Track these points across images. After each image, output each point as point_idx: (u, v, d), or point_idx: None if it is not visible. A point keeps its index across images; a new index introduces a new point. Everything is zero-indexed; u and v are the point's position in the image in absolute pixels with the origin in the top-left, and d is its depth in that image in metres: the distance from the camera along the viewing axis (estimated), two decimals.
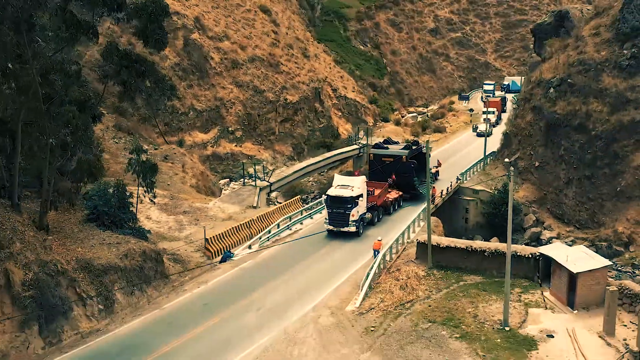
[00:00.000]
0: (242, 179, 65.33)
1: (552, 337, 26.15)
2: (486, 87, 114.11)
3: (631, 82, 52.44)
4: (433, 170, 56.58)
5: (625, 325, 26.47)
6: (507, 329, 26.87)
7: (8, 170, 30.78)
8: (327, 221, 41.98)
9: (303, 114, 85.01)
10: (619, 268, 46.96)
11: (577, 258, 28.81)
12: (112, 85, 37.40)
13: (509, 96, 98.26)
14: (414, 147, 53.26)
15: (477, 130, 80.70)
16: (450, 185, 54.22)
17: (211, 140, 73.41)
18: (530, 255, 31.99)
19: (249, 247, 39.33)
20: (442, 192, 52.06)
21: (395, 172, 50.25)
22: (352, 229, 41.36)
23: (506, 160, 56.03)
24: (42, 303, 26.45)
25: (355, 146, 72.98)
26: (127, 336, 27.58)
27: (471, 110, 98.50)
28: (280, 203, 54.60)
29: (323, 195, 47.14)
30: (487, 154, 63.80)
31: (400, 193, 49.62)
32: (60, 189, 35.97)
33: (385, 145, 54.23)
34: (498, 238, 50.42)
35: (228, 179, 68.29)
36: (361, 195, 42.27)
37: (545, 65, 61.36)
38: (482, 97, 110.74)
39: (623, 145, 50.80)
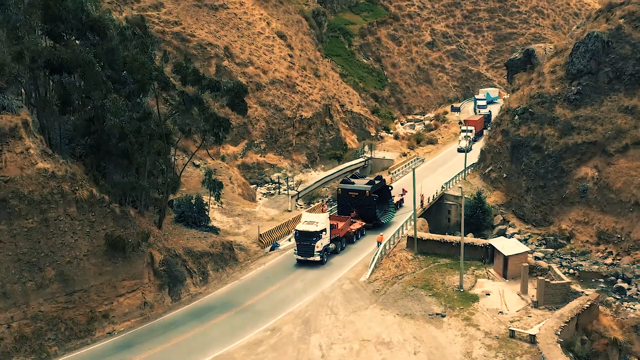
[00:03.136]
0: (266, 185, 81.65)
1: (489, 295, 41.79)
2: (479, 103, 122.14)
3: (576, 112, 67.81)
4: (397, 199, 62.89)
5: (536, 288, 41.93)
6: (461, 290, 42.45)
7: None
8: (296, 252, 48.13)
9: (316, 127, 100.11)
10: (561, 256, 62.60)
11: (509, 246, 44.45)
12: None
13: (495, 109, 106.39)
14: (377, 182, 58.13)
15: (459, 146, 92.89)
16: (436, 193, 69.58)
17: (240, 152, 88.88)
18: (482, 245, 47.66)
19: (289, 240, 54.87)
20: (429, 199, 67.27)
21: (359, 205, 55.40)
22: (317, 258, 47.35)
23: (459, 186, 69.95)
24: (169, 274, 42.08)
25: (361, 159, 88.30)
26: (221, 296, 43.23)
27: (460, 122, 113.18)
28: (300, 206, 69.55)
29: (292, 230, 52.98)
30: (467, 166, 78.96)
31: (364, 223, 55.14)
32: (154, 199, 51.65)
33: (352, 181, 59.22)
34: (473, 234, 65.71)
35: (255, 185, 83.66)
36: (325, 230, 47.90)
37: (513, 95, 76.84)
38: (475, 109, 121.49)
39: (568, 163, 66.22)
